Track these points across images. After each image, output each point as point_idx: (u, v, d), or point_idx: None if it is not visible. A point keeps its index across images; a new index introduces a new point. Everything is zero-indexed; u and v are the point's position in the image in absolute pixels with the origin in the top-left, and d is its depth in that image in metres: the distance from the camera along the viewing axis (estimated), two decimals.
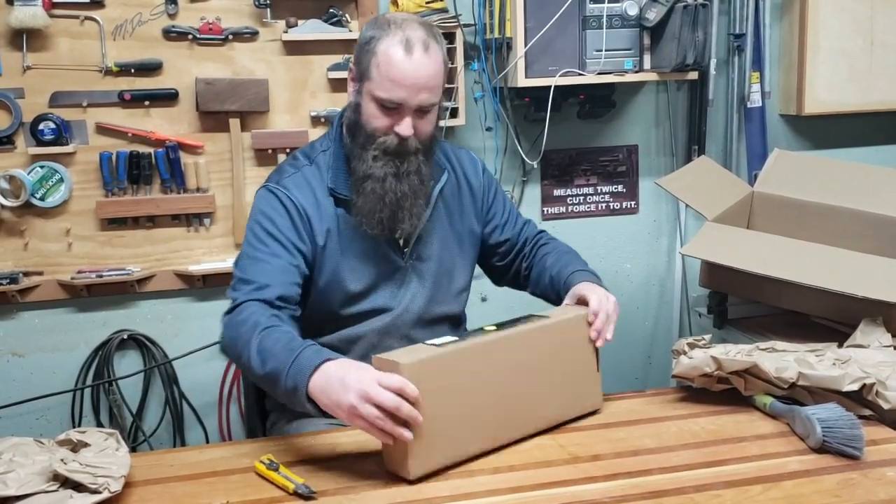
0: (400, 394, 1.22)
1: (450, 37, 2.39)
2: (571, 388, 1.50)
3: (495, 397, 1.38)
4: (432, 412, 1.26)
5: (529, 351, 1.43)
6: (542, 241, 1.81)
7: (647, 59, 2.45)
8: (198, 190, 2.43)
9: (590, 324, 1.53)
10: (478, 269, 1.82)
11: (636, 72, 2.45)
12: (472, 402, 1.35)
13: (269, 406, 1.77)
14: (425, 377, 1.26)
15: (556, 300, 1.67)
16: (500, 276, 1.87)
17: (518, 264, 1.82)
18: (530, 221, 1.86)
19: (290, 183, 1.60)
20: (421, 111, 1.53)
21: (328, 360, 1.30)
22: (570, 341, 1.51)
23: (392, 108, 1.51)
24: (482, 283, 1.92)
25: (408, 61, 1.47)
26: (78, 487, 1.21)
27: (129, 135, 2.38)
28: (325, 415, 1.32)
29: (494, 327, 1.43)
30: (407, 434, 1.23)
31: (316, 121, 2.48)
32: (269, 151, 2.45)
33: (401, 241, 1.64)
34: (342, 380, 1.25)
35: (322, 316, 1.64)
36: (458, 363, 1.33)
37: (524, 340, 1.44)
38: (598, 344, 1.53)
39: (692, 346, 1.63)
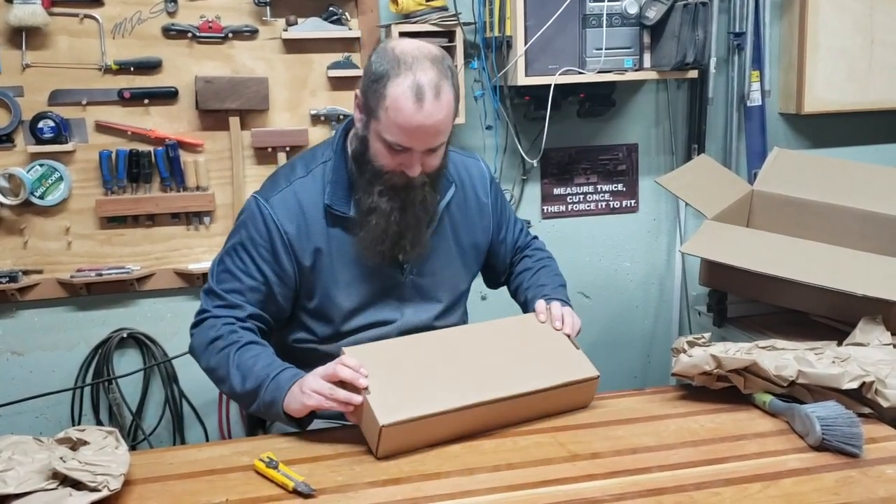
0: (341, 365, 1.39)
1: (450, 35, 2.39)
2: (547, 358, 1.53)
3: (452, 366, 1.47)
4: (384, 373, 1.39)
5: (478, 335, 1.56)
6: (527, 252, 1.83)
7: (647, 57, 2.45)
8: (197, 188, 2.43)
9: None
10: None
11: (636, 70, 2.45)
12: (427, 370, 1.44)
13: None
14: (370, 354, 1.43)
15: None
16: (494, 282, 1.89)
17: (507, 271, 1.84)
18: (524, 228, 1.87)
19: (278, 202, 1.56)
20: (430, 150, 1.49)
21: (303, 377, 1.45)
22: (524, 328, 1.59)
23: (400, 150, 1.47)
24: (482, 282, 1.92)
25: (418, 112, 1.41)
26: (77, 485, 1.21)
27: (129, 133, 2.37)
28: (300, 427, 1.47)
29: None
30: (356, 397, 1.36)
31: (316, 119, 2.47)
32: (269, 150, 2.45)
33: (400, 257, 1.61)
34: (305, 377, 1.43)
35: (323, 328, 1.63)
36: (403, 345, 1.50)
37: (470, 329, 1.62)
38: (565, 330, 1.58)
39: (692, 344, 1.63)
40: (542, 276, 1.76)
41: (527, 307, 1.71)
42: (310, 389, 1.39)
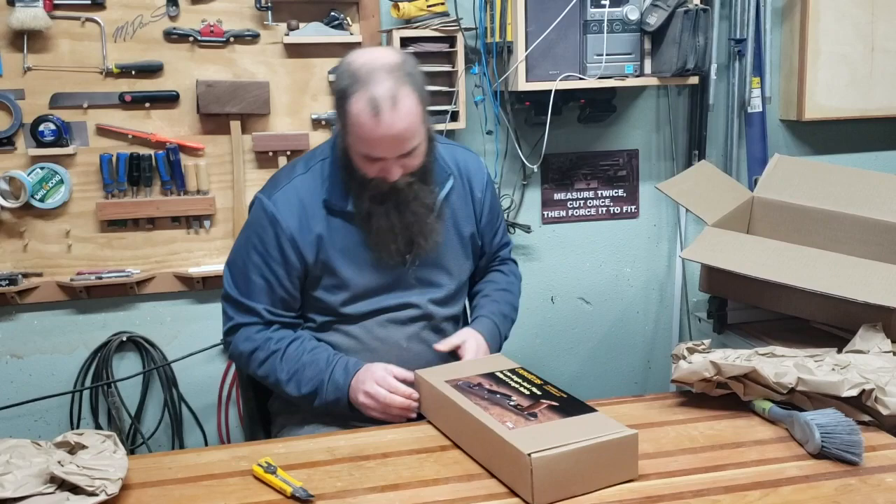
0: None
1: (451, 40, 2.39)
2: None
3: None
4: None
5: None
6: (497, 267, 1.86)
7: (647, 63, 2.46)
8: (198, 192, 2.43)
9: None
10: None
11: (637, 76, 2.45)
12: None
13: (275, 409, 1.78)
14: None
15: None
16: None
17: (476, 276, 1.86)
18: (509, 244, 1.89)
19: (280, 198, 1.61)
20: (405, 154, 1.52)
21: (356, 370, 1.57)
22: None
23: (376, 159, 1.51)
24: None
25: (378, 126, 1.44)
26: (75, 490, 1.21)
27: (130, 136, 2.38)
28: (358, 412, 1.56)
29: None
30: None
31: (317, 123, 2.48)
32: (270, 154, 2.45)
33: (415, 251, 1.64)
34: (363, 375, 1.56)
35: (324, 314, 1.66)
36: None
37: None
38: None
39: (692, 350, 1.63)
40: (493, 297, 1.80)
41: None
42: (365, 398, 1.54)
